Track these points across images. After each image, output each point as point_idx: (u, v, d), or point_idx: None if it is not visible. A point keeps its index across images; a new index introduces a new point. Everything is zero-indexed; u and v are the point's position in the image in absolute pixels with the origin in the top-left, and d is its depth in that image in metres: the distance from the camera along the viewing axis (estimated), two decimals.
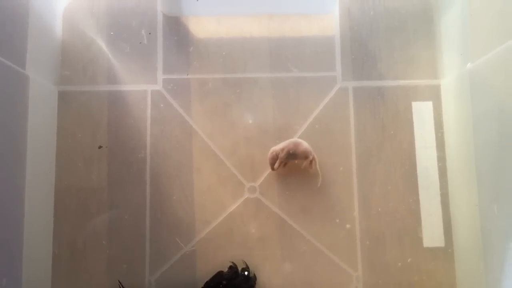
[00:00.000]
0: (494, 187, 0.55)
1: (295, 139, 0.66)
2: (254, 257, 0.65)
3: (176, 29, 0.68)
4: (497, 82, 0.54)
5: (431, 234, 0.64)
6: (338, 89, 0.67)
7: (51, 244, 0.63)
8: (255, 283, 0.64)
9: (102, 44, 0.67)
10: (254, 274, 0.64)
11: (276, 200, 0.65)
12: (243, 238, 0.65)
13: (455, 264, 0.64)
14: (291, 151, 0.64)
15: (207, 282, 0.64)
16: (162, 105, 0.66)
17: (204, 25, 0.68)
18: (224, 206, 0.65)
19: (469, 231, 0.60)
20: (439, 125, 0.66)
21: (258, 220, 0.65)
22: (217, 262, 0.64)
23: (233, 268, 0.64)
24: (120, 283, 0.63)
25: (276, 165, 0.65)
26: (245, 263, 0.64)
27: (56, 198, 0.64)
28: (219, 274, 0.64)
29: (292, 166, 0.65)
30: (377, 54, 0.68)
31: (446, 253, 0.64)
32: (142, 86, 0.67)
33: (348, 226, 0.64)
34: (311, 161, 0.65)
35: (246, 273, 0.64)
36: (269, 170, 0.66)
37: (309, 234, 0.65)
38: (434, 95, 0.66)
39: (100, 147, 0.64)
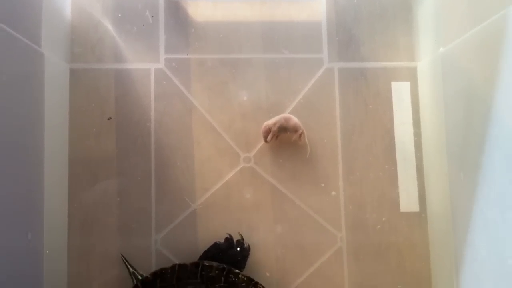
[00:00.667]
0: (461, 157, 0.61)
1: (286, 114, 0.71)
2: (249, 220, 0.70)
3: (176, 12, 0.73)
4: (465, 65, 0.60)
5: (407, 200, 0.70)
6: (325, 70, 0.73)
7: (67, 205, 0.69)
8: (248, 254, 0.69)
9: (108, 25, 0.72)
10: (248, 245, 0.69)
11: (269, 169, 0.71)
12: (239, 203, 0.71)
13: (428, 227, 0.70)
14: (282, 125, 0.70)
15: (204, 252, 0.68)
16: (164, 82, 0.71)
17: (202, 9, 0.73)
18: (222, 175, 0.71)
19: (440, 197, 0.67)
20: (416, 104, 0.72)
21: (253, 187, 0.71)
22: (216, 223, 0.70)
23: (228, 239, 0.69)
24: (123, 256, 0.68)
25: (269, 137, 0.70)
26: (241, 235, 0.69)
27: (70, 166, 0.69)
28: (215, 245, 0.69)
29: (283, 138, 0.71)
30: (360, 38, 0.73)
31: (420, 217, 0.70)
32: (146, 65, 0.71)
33: (333, 193, 0.71)
34: (300, 134, 0.70)
35: (238, 248, 0.68)
36: (262, 142, 0.71)
37: (298, 200, 0.70)
38: (411, 76, 0.72)
39: (109, 118, 0.70)
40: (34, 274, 0.61)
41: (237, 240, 0.69)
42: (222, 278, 0.65)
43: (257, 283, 0.65)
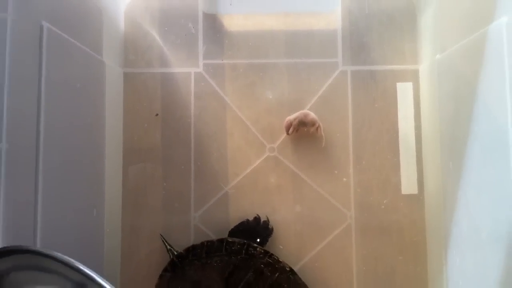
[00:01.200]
0: (450, 149, 0.71)
1: (305, 110, 0.80)
2: (273, 201, 0.80)
3: (213, 24, 0.84)
4: (456, 71, 0.69)
5: (407, 184, 0.80)
6: (339, 72, 0.82)
7: (121, 189, 0.81)
8: (271, 233, 0.79)
9: (155, 35, 0.84)
10: (272, 227, 0.79)
11: (290, 158, 0.81)
12: (264, 187, 0.81)
13: (424, 207, 0.79)
14: (301, 120, 0.79)
15: (235, 226, 0.78)
16: (202, 83, 0.83)
17: (235, 21, 0.84)
18: (250, 162, 0.81)
19: (435, 182, 0.77)
20: (417, 102, 0.81)
21: (276, 173, 0.81)
22: (244, 204, 0.80)
23: (257, 219, 0.79)
24: (162, 236, 0.79)
25: (290, 130, 0.80)
26: (267, 217, 0.79)
27: (124, 155, 0.81)
28: (244, 222, 0.79)
29: (302, 131, 0.80)
30: (371, 44, 0.82)
31: (418, 199, 0.80)
32: (187, 69, 0.83)
33: (344, 179, 0.81)
34: (317, 128, 0.80)
35: (263, 227, 0.79)
36: (284, 134, 0.81)
37: (314, 184, 0.81)
38: (414, 77, 0.82)
39: (156, 114, 0.82)
40: (97, 249, 0.73)
41: (264, 221, 0.79)
42: (243, 251, 0.74)
43: (272, 254, 0.74)
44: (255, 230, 0.79)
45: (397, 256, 0.80)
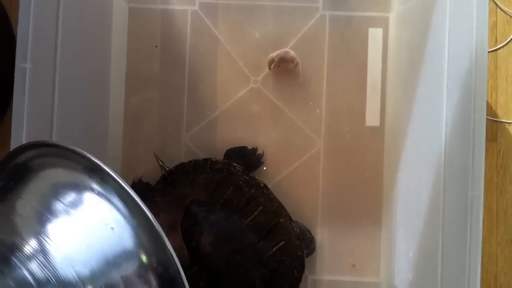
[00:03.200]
0: (405, 87, 0.82)
1: (286, 49, 0.89)
2: (254, 127, 0.91)
3: None
4: (413, 22, 0.80)
5: (372, 117, 0.90)
6: (319, 16, 0.91)
7: (123, 106, 0.93)
8: (260, 165, 0.89)
9: None
10: (264, 161, 0.89)
11: (271, 90, 0.91)
12: (247, 114, 0.91)
13: (384, 137, 0.90)
14: (282, 57, 0.87)
15: (232, 148, 0.89)
16: (198, 20, 0.92)
17: None
18: (236, 92, 0.91)
19: (393, 116, 0.88)
20: (385, 46, 0.91)
21: (258, 103, 0.91)
22: (230, 128, 0.91)
23: (254, 149, 0.89)
24: (155, 153, 0.89)
25: (272, 66, 0.88)
26: (263, 151, 0.90)
27: (126, 79, 0.92)
28: (243, 148, 0.89)
29: (283, 67, 0.89)
30: None
31: (379, 130, 0.90)
32: (184, 7, 0.92)
33: (317, 111, 0.91)
34: (296, 64, 0.88)
35: (257, 158, 0.90)
36: (267, 69, 0.90)
37: (291, 113, 0.91)
38: (384, 24, 0.91)
39: (156, 46, 0.93)
40: (101, 155, 0.88)
41: (259, 154, 0.90)
42: (225, 169, 0.83)
43: (249, 172, 0.83)
44: (249, 158, 0.89)
45: (358, 178, 0.91)
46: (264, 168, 0.92)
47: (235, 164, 0.84)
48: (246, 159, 0.88)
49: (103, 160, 0.86)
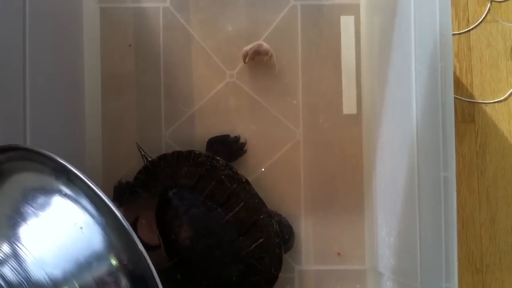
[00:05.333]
0: (378, 75, 0.83)
1: (259, 41, 0.89)
2: (233, 121, 0.91)
3: None
4: (382, 8, 0.81)
5: (348, 105, 0.90)
6: (290, 7, 0.91)
7: (100, 108, 0.93)
8: (242, 154, 0.90)
9: None
10: (246, 150, 0.90)
11: (247, 83, 0.91)
12: (225, 109, 0.91)
13: (362, 124, 0.91)
14: (256, 50, 0.88)
15: (215, 137, 0.89)
16: (170, 17, 0.92)
17: None
18: (213, 87, 0.92)
19: (369, 103, 0.89)
20: (358, 33, 0.91)
21: (235, 97, 0.91)
22: (208, 124, 0.91)
23: (236, 137, 0.89)
24: (137, 143, 0.89)
25: (246, 59, 0.88)
26: (246, 140, 0.90)
27: (102, 79, 0.92)
28: (225, 136, 0.89)
29: (258, 60, 0.89)
30: None
31: (357, 118, 0.91)
32: (156, 4, 0.92)
33: (294, 102, 0.91)
34: (270, 57, 0.88)
35: (239, 147, 0.90)
36: (242, 63, 0.90)
37: (269, 106, 0.91)
38: (355, 11, 0.91)
39: (130, 45, 0.93)
40: (79, 159, 0.88)
41: (241, 142, 0.90)
42: (208, 163, 0.83)
43: (231, 167, 0.83)
44: (231, 146, 0.89)
45: (338, 166, 0.92)
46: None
47: (218, 158, 0.84)
48: (229, 147, 0.89)
49: (81, 163, 0.88)
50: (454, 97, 0.59)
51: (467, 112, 0.93)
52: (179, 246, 0.82)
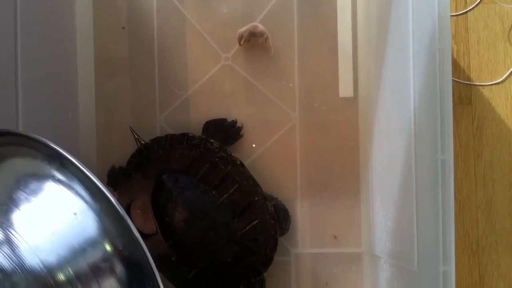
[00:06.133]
0: (375, 56, 0.82)
1: (254, 23, 0.88)
2: (228, 104, 0.90)
3: None
4: None
5: (345, 88, 0.89)
6: None
7: (94, 92, 0.91)
8: (239, 138, 0.89)
9: None
10: (242, 134, 0.89)
11: (243, 66, 0.90)
12: (220, 92, 0.90)
13: (358, 107, 0.90)
14: (251, 32, 0.86)
15: (213, 120, 0.88)
16: None
17: None
18: (208, 70, 0.91)
19: (365, 86, 0.89)
20: (354, 12, 0.89)
21: (230, 80, 0.90)
22: (203, 107, 0.90)
23: (233, 121, 0.88)
24: (131, 127, 0.88)
25: (242, 41, 0.87)
26: (242, 125, 0.90)
27: (95, 63, 0.91)
28: (222, 119, 0.88)
29: (253, 42, 0.88)
30: None
31: (353, 101, 0.90)
32: None
33: (291, 85, 0.90)
34: (266, 38, 0.87)
35: (236, 131, 0.89)
36: (237, 45, 0.89)
37: (264, 89, 0.90)
38: None
39: (123, 28, 0.92)
40: (74, 145, 0.87)
41: (238, 126, 0.89)
42: (202, 145, 0.83)
43: (226, 149, 0.83)
44: (228, 131, 0.89)
45: (335, 150, 0.91)
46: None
47: (212, 140, 0.84)
48: (226, 131, 0.88)
49: (75, 148, 0.87)
50: (452, 79, 0.58)
51: (464, 94, 0.92)
52: (174, 228, 0.82)
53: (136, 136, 0.88)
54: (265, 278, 0.86)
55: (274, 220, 0.83)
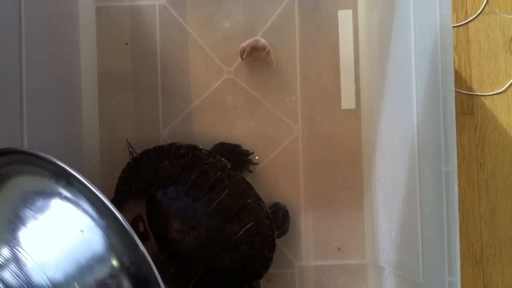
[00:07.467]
0: (378, 69, 0.83)
1: (257, 37, 0.88)
2: (231, 118, 0.90)
3: None
4: (382, 2, 0.81)
5: (347, 100, 0.90)
6: (288, 2, 0.90)
7: (97, 108, 0.92)
8: (246, 165, 0.88)
9: None
10: (248, 165, 0.90)
11: (245, 80, 0.91)
12: (223, 106, 0.91)
13: (361, 119, 0.90)
14: (253, 46, 0.87)
15: (228, 143, 0.88)
16: (166, 15, 0.91)
17: None
18: (210, 84, 0.91)
19: (368, 98, 0.89)
20: (356, 27, 0.90)
21: (233, 94, 0.90)
22: (206, 121, 0.90)
23: (248, 151, 0.89)
24: (127, 140, 0.88)
25: (244, 55, 0.87)
26: (257, 159, 0.90)
27: (99, 78, 0.91)
28: (236, 145, 0.89)
29: (255, 56, 0.89)
30: None
31: (355, 113, 0.90)
32: (152, 2, 0.91)
33: (293, 97, 0.91)
34: (268, 52, 0.87)
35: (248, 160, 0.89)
36: (240, 59, 0.89)
37: (267, 102, 0.90)
38: (353, 5, 0.91)
39: (126, 43, 0.92)
40: (77, 161, 0.88)
41: (249, 159, 0.89)
42: (190, 153, 0.82)
43: (215, 155, 0.82)
44: (238, 157, 0.89)
45: (338, 162, 0.92)
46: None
47: (201, 147, 0.83)
48: (235, 156, 0.88)
49: (79, 164, 0.87)
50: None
51: (466, 105, 0.93)
52: (168, 240, 0.82)
53: (130, 149, 0.87)
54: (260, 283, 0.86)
55: (270, 220, 0.83)
